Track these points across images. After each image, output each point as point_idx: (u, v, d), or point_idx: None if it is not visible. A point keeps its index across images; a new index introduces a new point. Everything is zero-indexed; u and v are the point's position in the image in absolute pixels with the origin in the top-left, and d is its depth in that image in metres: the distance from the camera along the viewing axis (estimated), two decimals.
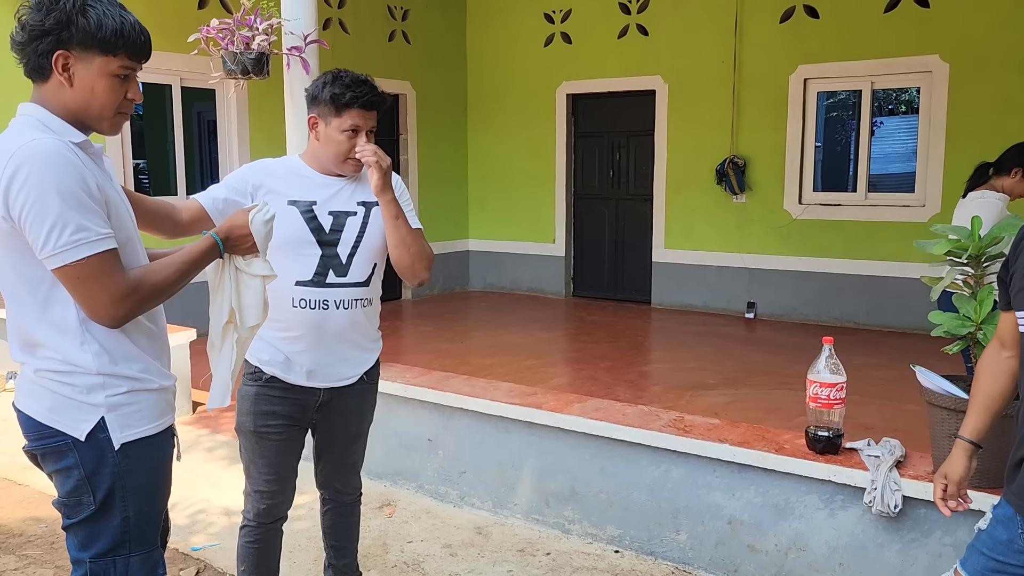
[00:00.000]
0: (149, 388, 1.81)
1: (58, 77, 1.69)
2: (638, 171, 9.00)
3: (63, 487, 1.78)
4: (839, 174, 11.55)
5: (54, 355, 1.72)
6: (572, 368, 6.43)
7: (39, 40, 1.67)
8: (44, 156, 1.60)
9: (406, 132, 9.31)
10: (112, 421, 1.74)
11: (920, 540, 2.72)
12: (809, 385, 2.85)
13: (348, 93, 2.32)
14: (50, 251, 1.60)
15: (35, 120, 1.70)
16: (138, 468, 1.79)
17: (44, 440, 1.75)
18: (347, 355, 2.49)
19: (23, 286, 1.71)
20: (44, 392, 1.74)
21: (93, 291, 1.64)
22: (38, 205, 1.58)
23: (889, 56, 7.35)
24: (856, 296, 7.63)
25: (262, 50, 3.93)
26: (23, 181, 1.58)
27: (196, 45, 3.97)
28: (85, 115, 1.74)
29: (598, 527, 3.40)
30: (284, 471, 2.53)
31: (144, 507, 1.82)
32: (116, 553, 1.78)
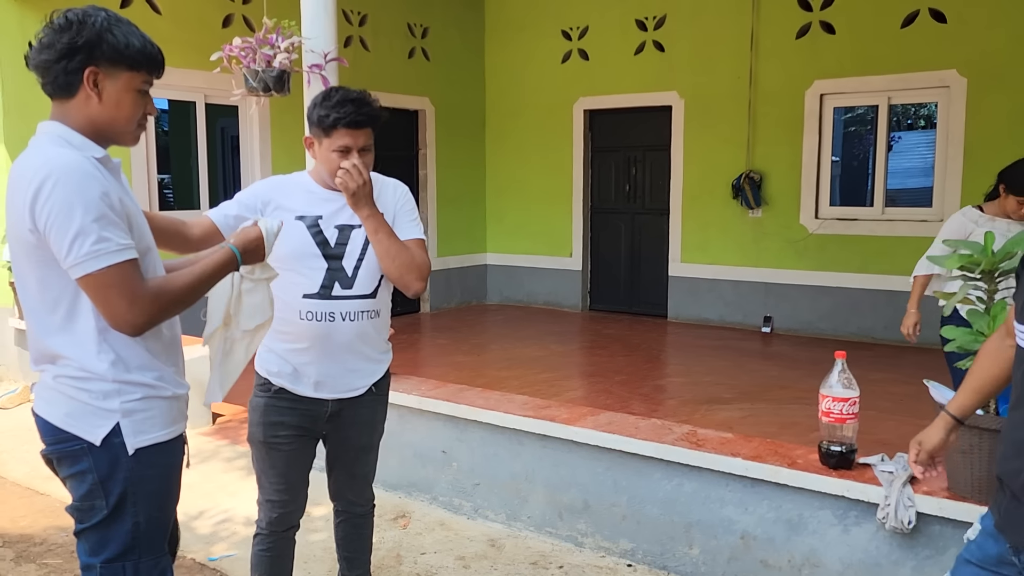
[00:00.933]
0: (163, 395, 1.86)
1: (87, 92, 1.76)
2: (654, 185, 9.02)
3: (77, 491, 1.82)
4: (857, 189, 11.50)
5: (72, 363, 1.78)
6: (587, 381, 6.45)
7: (69, 58, 1.74)
8: (68, 170, 1.67)
9: (425, 148, 9.39)
10: (127, 427, 1.79)
11: (935, 557, 2.71)
12: (822, 400, 2.85)
13: (333, 114, 2.35)
14: (73, 260, 1.67)
15: (57, 137, 1.76)
16: (150, 474, 1.84)
17: (60, 444, 1.81)
18: (355, 366, 2.52)
19: (44, 297, 1.77)
20: (61, 397, 1.80)
21: (114, 299, 1.69)
22: (62, 217, 1.65)
23: (906, 71, 7.34)
24: (873, 311, 7.59)
25: (283, 68, 4.00)
26: (48, 194, 1.65)
27: (219, 63, 4.05)
28: (110, 128, 1.82)
29: (611, 540, 3.41)
30: (294, 481, 2.57)
31: (154, 513, 1.86)
32: (126, 558, 1.82)
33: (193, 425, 5.09)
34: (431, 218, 9.49)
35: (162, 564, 1.90)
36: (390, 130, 9.11)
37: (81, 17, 1.74)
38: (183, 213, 7.41)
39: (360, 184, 2.37)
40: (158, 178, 7.22)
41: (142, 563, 1.84)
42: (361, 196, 2.39)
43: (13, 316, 6.25)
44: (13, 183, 1.74)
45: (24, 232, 1.71)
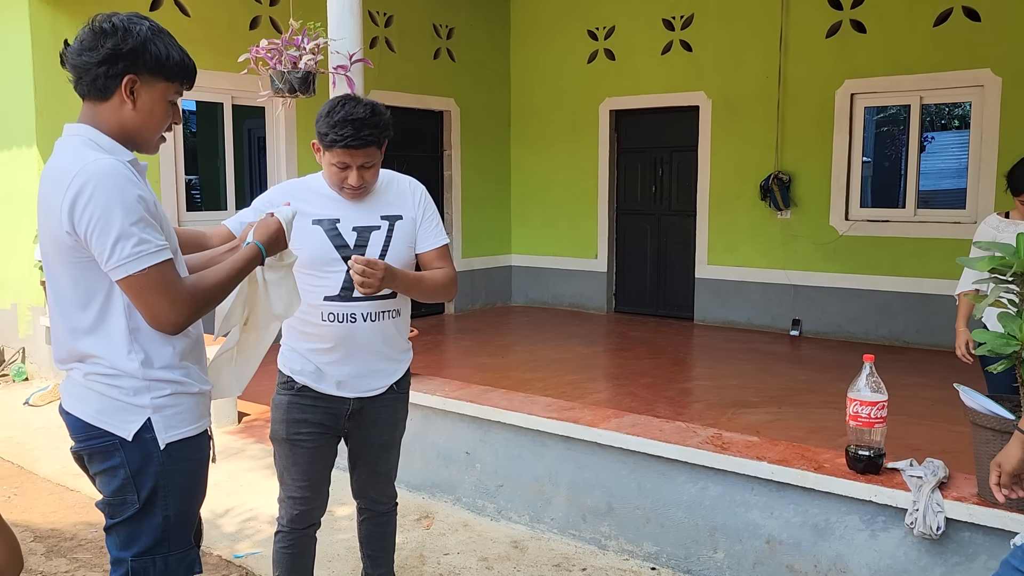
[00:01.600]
0: (190, 392, 1.89)
1: (122, 98, 1.79)
2: (681, 187, 8.96)
3: (108, 487, 1.85)
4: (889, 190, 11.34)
5: (103, 361, 1.81)
6: (612, 384, 6.42)
7: (111, 63, 1.77)
8: (107, 175, 1.70)
9: (450, 148, 9.42)
10: (158, 422, 1.82)
11: (964, 564, 2.66)
12: (849, 403, 2.81)
13: (331, 134, 2.34)
14: (115, 263, 1.70)
15: (87, 140, 1.79)
16: (180, 468, 1.86)
17: (92, 441, 1.83)
18: (377, 366, 2.54)
19: (77, 298, 1.80)
20: (92, 395, 1.82)
21: (155, 299, 1.73)
22: (103, 221, 1.68)
23: (939, 70, 7.23)
24: (905, 314, 7.48)
25: (309, 69, 4.02)
26: (88, 198, 1.68)
27: (246, 65, 4.09)
28: (138, 135, 1.85)
29: (635, 543, 3.39)
30: (316, 478, 2.58)
31: (183, 507, 1.89)
32: (156, 552, 1.85)
33: (219, 424, 5.14)
34: (456, 219, 9.51)
35: (190, 557, 1.92)
36: (415, 131, 9.15)
37: (126, 24, 1.78)
38: (210, 214, 7.49)
39: (378, 280, 2.30)
40: (185, 179, 7.31)
41: (172, 556, 1.87)
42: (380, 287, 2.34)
43: (44, 315, 6.36)
44: (47, 186, 1.77)
45: (60, 234, 1.73)
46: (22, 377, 6.59)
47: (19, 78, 6.24)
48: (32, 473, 4.49)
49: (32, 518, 3.84)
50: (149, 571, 1.85)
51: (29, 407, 5.81)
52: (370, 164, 2.41)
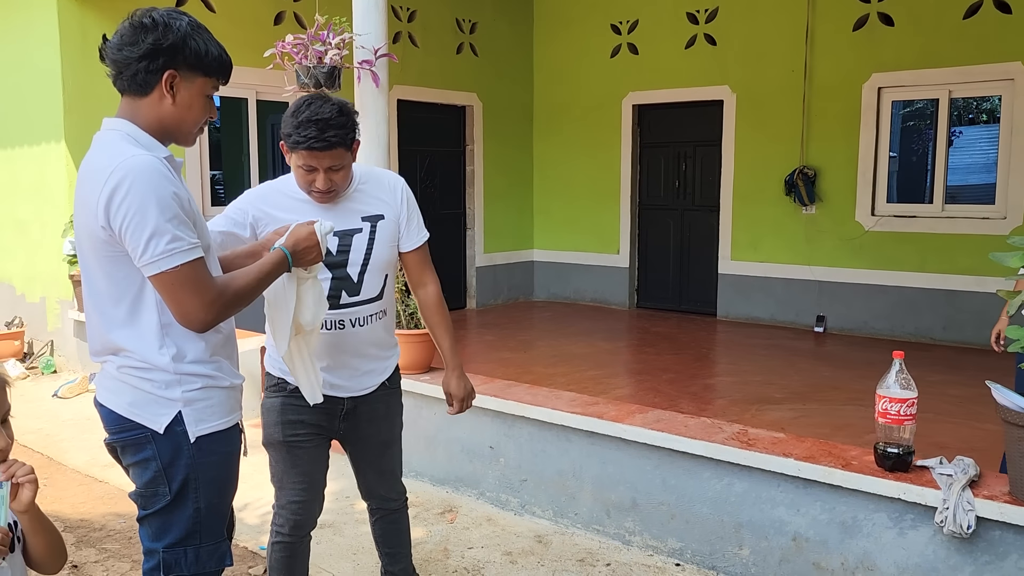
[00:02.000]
0: (221, 385, 1.91)
1: (162, 93, 1.81)
2: (704, 182, 8.91)
3: (140, 478, 1.87)
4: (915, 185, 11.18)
5: (135, 355, 1.83)
6: (635, 379, 6.40)
7: (152, 58, 1.78)
8: (143, 171, 1.71)
9: (472, 143, 9.42)
10: (188, 415, 1.84)
11: (995, 563, 2.63)
12: (878, 400, 2.78)
13: (295, 135, 2.24)
14: (148, 259, 1.72)
15: (125, 135, 1.80)
16: (210, 461, 1.88)
17: (124, 433, 1.85)
18: (367, 367, 2.51)
19: (111, 292, 1.82)
20: (125, 387, 1.85)
21: (186, 296, 1.74)
22: (138, 217, 1.70)
23: (968, 63, 7.12)
24: (932, 311, 7.39)
25: (334, 64, 4.04)
26: (124, 194, 1.70)
27: (271, 60, 4.11)
28: (177, 129, 1.87)
29: (659, 539, 3.38)
30: (317, 480, 2.55)
31: (214, 499, 1.91)
32: (187, 543, 1.87)
33: (245, 417, 5.17)
34: (478, 214, 9.51)
35: (222, 549, 1.94)
36: (438, 126, 9.16)
37: (166, 20, 1.79)
38: None
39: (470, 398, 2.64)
40: (210, 174, 7.37)
41: (203, 548, 1.89)
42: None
43: (73, 309, 6.44)
44: (85, 180, 1.79)
45: (96, 228, 1.75)
46: (51, 370, 6.68)
47: (47, 74, 6.32)
48: (61, 464, 4.56)
49: (62, 508, 3.89)
50: (180, 562, 1.87)
51: (58, 399, 5.89)
52: (339, 167, 2.30)
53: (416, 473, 4.20)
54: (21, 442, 4.82)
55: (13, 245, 7.17)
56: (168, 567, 1.87)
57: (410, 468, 4.22)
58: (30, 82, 6.59)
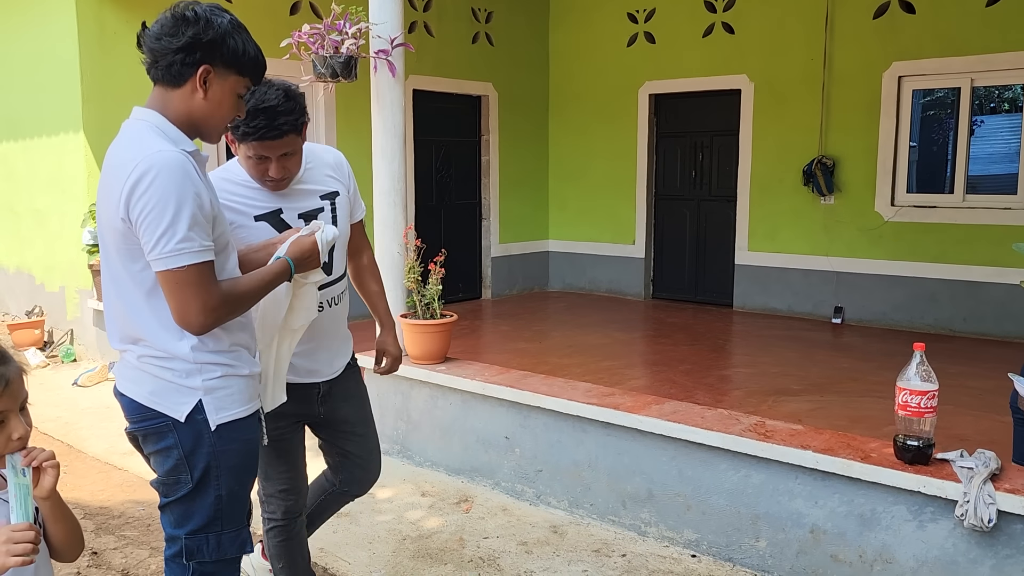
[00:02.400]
0: (240, 374, 1.92)
1: (195, 87, 1.81)
2: (721, 172, 8.85)
3: (162, 467, 1.88)
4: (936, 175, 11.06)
5: (154, 344, 1.84)
6: (650, 370, 6.37)
7: (190, 51, 1.79)
8: (168, 168, 1.71)
9: (488, 133, 9.39)
10: (209, 403, 1.85)
11: (1016, 557, 2.60)
12: (899, 392, 2.75)
13: (243, 126, 2.17)
14: (157, 255, 1.72)
15: (154, 127, 1.81)
16: (231, 448, 1.89)
17: (146, 422, 1.87)
18: (338, 348, 2.54)
19: (131, 283, 1.83)
20: (146, 376, 1.86)
21: (187, 298, 1.75)
22: (155, 212, 1.70)
23: (991, 52, 7.02)
24: (952, 302, 7.31)
25: (351, 54, 4.03)
26: (146, 188, 1.70)
27: (288, 50, 4.11)
28: (205, 125, 1.87)
29: (675, 530, 3.37)
30: (300, 465, 2.59)
31: (235, 486, 1.92)
32: (209, 530, 1.89)
33: None
34: (493, 204, 9.50)
35: (243, 535, 1.96)
36: (453, 116, 9.14)
37: (208, 15, 1.80)
38: None
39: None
40: None
41: (224, 534, 1.91)
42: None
43: (92, 298, 6.50)
44: (110, 169, 1.80)
45: (116, 220, 1.76)
46: (71, 358, 6.74)
47: (65, 64, 6.35)
48: (81, 452, 4.60)
49: (81, 496, 3.93)
50: (203, 549, 1.89)
51: (78, 388, 5.95)
52: (291, 153, 2.25)
53: (432, 463, 4.21)
54: (41, 430, 4.87)
55: (32, 235, 7.23)
56: (191, 553, 1.89)
57: (426, 458, 4.23)
58: (48, 73, 6.63)
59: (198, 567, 1.90)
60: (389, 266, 4.28)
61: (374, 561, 3.27)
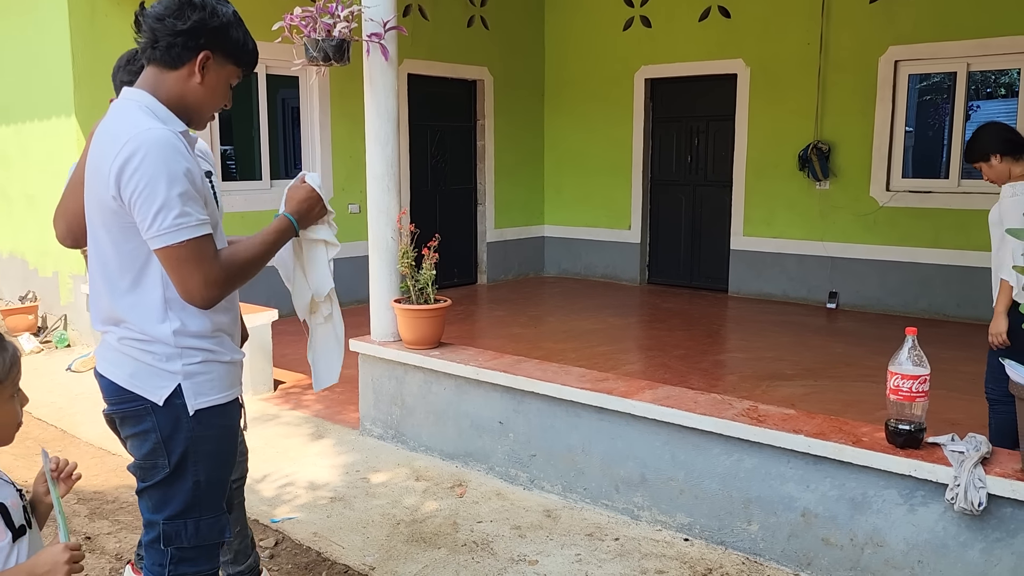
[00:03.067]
0: (222, 360, 1.91)
1: (192, 71, 1.82)
2: (717, 157, 8.83)
3: (139, 450, 1.88)
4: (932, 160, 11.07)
5: (136, 327, 1.83)
6: (645, 355, 6.39)
7: (194, 36, 1.80)
8: (159, 145, 1.71)
9: (483, 118, 9.36)
10: (188, 388, 1.85)
11: (1006, 540, 2.61)
12: (890, 377, 2.76)
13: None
14: (155, 232, 1.72)
15: (144, 106, 1.80)
16: (209, 434, 1.89)
17: (124, 404, 1.86)
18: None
19: (117, 263, 1.82)
20: (126, 359, 1.85)
21: (189, 273, 1.75)
22: (149, 189, 1.70)
23: (987, 36, 7.00)
24: (946, 287, 7.33)
25: (343, 37, 3.99)
26: (137, 165, 1.70)
27: (280, 33, 4.07)
28: (196, 110, 1.88)
29: (668, 514, 3.38)
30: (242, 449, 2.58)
31: (213, 472, 1.92)
32: (187, 515, 1.89)
33: (255, 391, 5.21)
34: (488, 190, 9.48)
35: (222, 521, 1.96)
36: (448, 101, 9.10)
37: (214, 3, 1.82)
38: (245, 184, 7.54)
39: None
40: (221, 149, 7.36)
41: (203, 520, 1.91)
42: None
43: (85, 283, 6.48)
44: (99, 148, 1.79)
45: (106, 197, 1.75)
46: (64, 344, 6.73)
47: (57, 48, 6.30)
48: (75, 437, 4.60)
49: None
50: (181, 534, 1.89)
51: (71, 373, 5.94)
52: None
53: (426, 448, 4.21)
54: (35, 415, 4.87)
55: (25, 220, 7.20)
56: (168, 539, 1.88)
57: (420, 443, 4.24)
58: (40, 57, 6.58)
59: (176, 552, 1.90)
60: (382, 251, 4.27)
61: (368, 545, 3.28)
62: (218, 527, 1.94)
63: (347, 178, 7.87)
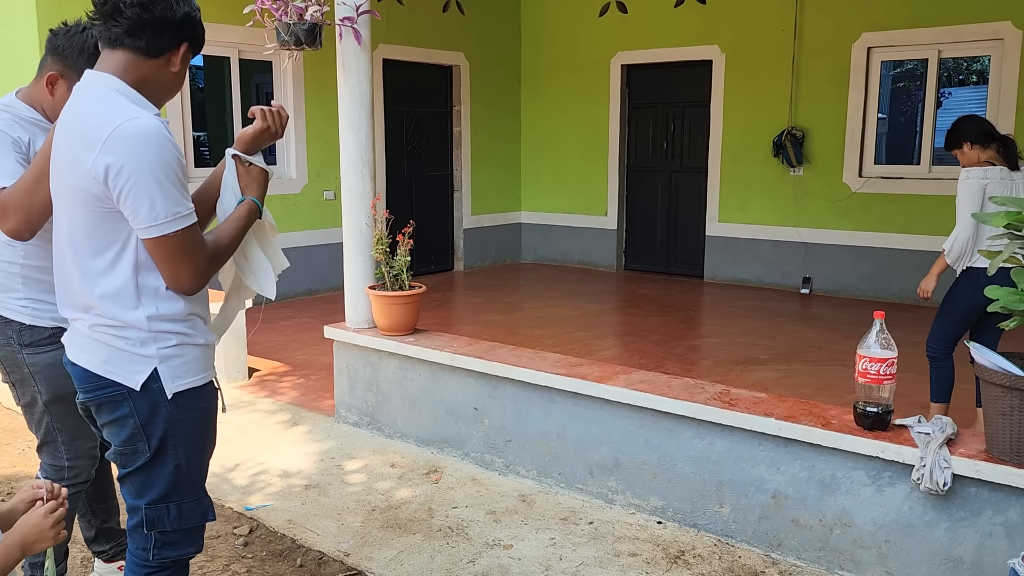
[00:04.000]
0: (196, 343, 1.91)
1: (170, 60, 1.85)
2: (693, 143, 8.87)
3: (118, 437, 1.87)
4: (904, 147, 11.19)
5: (108, 312, 1.82)
6: (621, 341, 6.42)
7: (182, 28, 1.83)
8: (148, 135, 1.72)
9: (459, 104, 9.32)
10: (164, 372, 1.84)
11: (969, 519, 2.67)
12: (859, 360, 2.80)
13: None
14: (150, 222, 1.72)
15: (119, 92, 1.78)
16: (188, 417, 1.89)
17: (99, 391, 1.85)
18: None
19: (90, 249, 1.80)
20: (99, 346, 1.84)
21: (180, 263, 1.78)
22: (141, 181, 1.70)
23: (958, 23, 7.07)
24: (917, 272, 7.37)
25: (315, 21, 3.96)
26: (128, 156, 1.69)
27: (251, 16, 4.02)
28: (165, 96, 1.91)
29: (641, 498, 3.42)
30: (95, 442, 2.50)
31: (194, 455, 1.92)
32: (169, 499, 1.89)
33: (229, 379, 5.18)
34: (465, 176, 9.45)
35: (204, 504, 1.97)
36: (424, 86, 9.04)
37: None
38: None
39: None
40: (193, 135, 7.27)
41: (185, 503, 1.92)
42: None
43: None
44: (75, 134, 1.76)
45: (87, 182, 1.73)
46: None
47: (23, 34, 6.18)
48: None
49: None
50: (163, 518, 1.89)
51: None
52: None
53: (401, 434, 4.22)
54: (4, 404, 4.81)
55: None
56: (151, 523, 1.89)
57: (395, 429, 4.24)
58: (4, 41, 6.45)
59: (160, 537, 1.90)
60: (357, 237, 4.26)
61: (343, 532, 3.28)
62: (200, 509, 1.95)
63: (322, 164, 7.82)
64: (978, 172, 3.93)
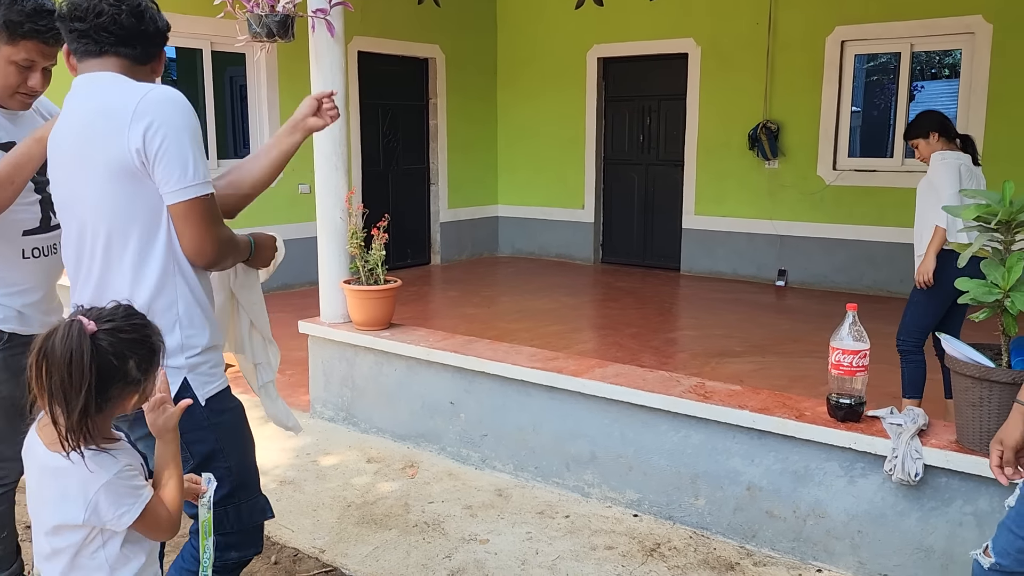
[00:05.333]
0: (216, 346, 1.91)
1: (155, 67, 1.88)
2: (669, 136, 8.89)
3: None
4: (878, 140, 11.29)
5: None
6: (598, 334, 6.44)
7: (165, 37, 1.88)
8: (176, 100, 1.74)
9: (435, 97, 9.27)
10: (194, 380, 1.84)
11: (940, 509, 2.70)
12: (832, 352, 2.82)
13: (28, 24, 2.04)
14: (185, 183, 1.72)
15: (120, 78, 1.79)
16: (225, 420, 1.90)
17: None
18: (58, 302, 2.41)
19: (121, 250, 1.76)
20: None
21: (204, 228, 1.77)
22: (178, 141, 1.71)
23: (930, 16, 7.14)
24: (890, 264, 7.50)
25: (287, 12, 3.90)
26: (163, 117, 1.70)
27: (222, 7, 3.97)
28: None
29: (617, 491, 3.42)
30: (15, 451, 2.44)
31: (240, 455, 1.93)
32: (227, 503, 1.89)
33: None
34: (441, 169, 9.41)
35: (260, 503, 1.98)
36: (399, 79, 8.98)
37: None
38: None
39: None
40: None
41: (243, 504, 1.93)
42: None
43: None
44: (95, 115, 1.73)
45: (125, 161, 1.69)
46: None
47: None
48: None
49: None
50: (223, 521, 1.88)
51: None
52: (52, 65, 2.13)
53: (377, 429, 4.20)
54: None
55: None
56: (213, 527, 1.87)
57: (371, 424, 4.22)
58: None
59: (221, 539, 1.89)
60: (331, 231, 4.22)
61: (318, 528, 3.26)
62: (258, 508, 1.96)
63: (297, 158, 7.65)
64: (953, 154, 3.99)
